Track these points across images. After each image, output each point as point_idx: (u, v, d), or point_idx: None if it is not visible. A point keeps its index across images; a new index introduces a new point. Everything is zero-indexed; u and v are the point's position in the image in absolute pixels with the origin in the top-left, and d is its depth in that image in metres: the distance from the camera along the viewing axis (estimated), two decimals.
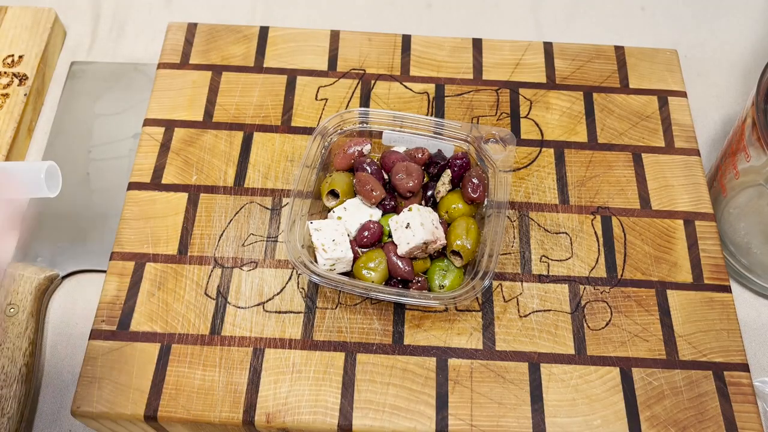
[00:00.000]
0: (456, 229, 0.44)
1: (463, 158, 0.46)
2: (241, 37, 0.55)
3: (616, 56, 0.55)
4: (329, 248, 0.42)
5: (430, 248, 0.43)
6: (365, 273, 0.42)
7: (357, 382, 0.41)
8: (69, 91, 0.60)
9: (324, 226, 0.43)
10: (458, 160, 0.46)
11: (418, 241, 0.42)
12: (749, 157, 0.47)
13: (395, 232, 0.43)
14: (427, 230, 0.42)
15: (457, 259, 0.44)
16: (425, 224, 0.43)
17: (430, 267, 0.44)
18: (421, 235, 0.42)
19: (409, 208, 0.44)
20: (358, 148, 0.46)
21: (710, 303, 0.45)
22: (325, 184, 0.45)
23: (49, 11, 0.62)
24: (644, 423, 0.40)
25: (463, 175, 0.46)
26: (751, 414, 0.41)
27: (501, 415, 0.40)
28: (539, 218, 0.48)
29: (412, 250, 0.43)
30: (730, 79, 0.64)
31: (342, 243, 0.43)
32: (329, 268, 0.43)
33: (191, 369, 0.41)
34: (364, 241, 0.44)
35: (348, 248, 0.43)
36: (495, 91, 0.53)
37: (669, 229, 0.47)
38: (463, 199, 0.45)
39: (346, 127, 0.47)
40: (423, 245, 0.43)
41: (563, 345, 0.43)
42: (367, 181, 0.44)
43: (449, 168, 0.46)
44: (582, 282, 0.45)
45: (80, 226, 0.53)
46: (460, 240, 0.43)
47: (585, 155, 0.50)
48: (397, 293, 0.41)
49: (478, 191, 0.45)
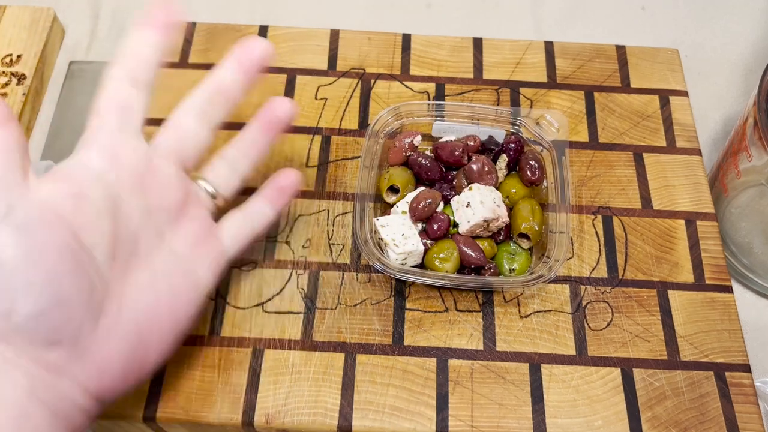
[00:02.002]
0: (521, 212, 0.44)
1: (516, 141, 0.47)
2: (241, 37, 0.55)
3: (617, 56, 0.55)
4: (400, 242, 0.43)
5: (492, 226, 0.44)
6: (438, 264, 0.43)
7: (357, 383, 0.41)
8: (68, 91, 0.60)
9: (391, 221, 0.43)
10: (512, 144, 0.47)
11: (478, 218, 0.43)
12: (751, 156, 0.47)
13: (456, 212, 0.44)
14: (487, 208, 0.43)
15: (524, 242, 0.44)
16: (485, 202, 0.43)
17: (497, 252, 0.45)
18: (480, 213, 0.43)
19: (469, 187, 0.44)
20: (408, 141, 0.46)
21: (712, 303, 0.45)
22: (383, 181, 0.46)
23: (47, 11, 0.61)
24: (645, 424, 0.40)
25: (518, 158, 0.47)
26: (752, 415, 0.41)
27: (501, 416, 0.40)
28: None
29: (473, 229, 0.43)
30: (731, 79, 0.64)
31: (412, 236, 0.43)
32: (402, 262, 0.43)
33: (190, 370, 0.41)
34: (433, 232, 0.44)
35: (418, 240, 0.43)
36: (495, 90, 0.53)
37: (670, 229, 0.47)
38: (522, 182, 0.46)
39: (396, 123, 0.47)
40: (484, 223, 0.43)
41: (564, 345, 0.43)
42: (420, 198, 0.44)
43: (504, 153, 0.47)
44: (583, 282, 0.45)
45: None
46: (526, 222, 0.44)
47: (586, 155, 0.50)
48: (480, 281, 0.42)
49: (537, 173, 0.46)
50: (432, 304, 0.44)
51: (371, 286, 0.44)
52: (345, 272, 0.45)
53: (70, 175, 0.33)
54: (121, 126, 0.35)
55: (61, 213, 0.30)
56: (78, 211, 0.31)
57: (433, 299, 0.44)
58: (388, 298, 0.44)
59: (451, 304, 0.44)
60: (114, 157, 0.34)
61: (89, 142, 0.35)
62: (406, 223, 0.44)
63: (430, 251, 0.43)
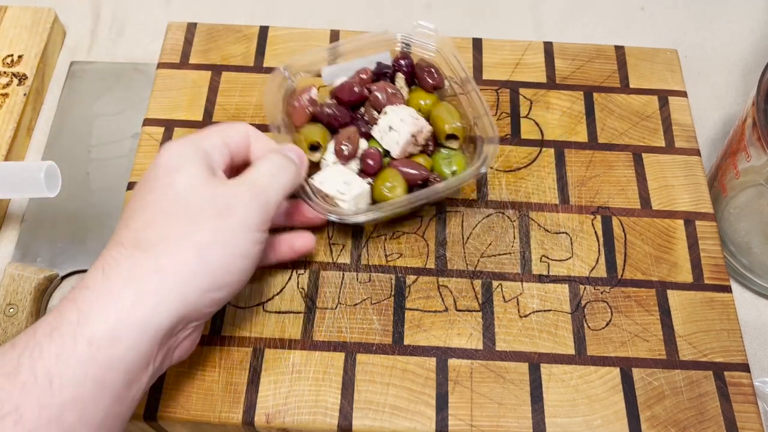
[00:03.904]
0: (440, 116, 0.46)
1: (405, 57, 0.48)
2: (241, 37, 0.55)
3: (616, 56, 0.55)
4: (345, 190, 0.43)
5: (420, 139, 0.45)
6: (387, 193, 0.43)
7: (357, 383, 0.41)
8: (69, 91, 0.60)
9: (326, 176, 0.44)
10: (402, 60, 0.48)
11: (406, 136, 0.44)
12: (749, 156, 0.47)
13: (382, 141, 0.45)
14: (408, 123, 0.44)
15: (454, 142, 0.46)
16: (404, 119, 0.44)
17: (433, 163, 0.45)
18: (406, 129, 0.44)
19: (384, 111, 0.45)
20: (306, 97, 0.46)
21: (710, 303, 0.45)
22: (301, 143, 0.45)
23: (48, 11, 0.62)
24: (644, 423, 0.40)
25: (413, 71, 0.48)
26: (751, 414, 0.41)
27: (501, 416, 0.40)
28: (539, 218, 0.47)
29: (405, 148, 0.44)
30: (730, 79, 0.64)
31: (353, 180, 0.43)
32: (354, 209, 0.43)
33: (191, 369, 0.41)
34: (371, 168, 0.44)
35: (362, 181, 0.44)
36: (495, 90, 0.53)
37: (669, 229, 0.47)
38: (426, 91, 0.47)
39: (286, 84, 0.47)
40: (412, 138, 0.44)
41: (563, 345, 0.43)
42: (340, 140, 0.45)
43: (398, 72, 0.48)
44: (582, 282, 0.45)
45: (80, 226, 0.53)
46: (448, 123, 0.45)
47: (585, 155, 0.50)
48: (432, 191, 0.43)
49: (436, 76, 0.47)
50: (432, 303, 0.44)
51: (371, 285, 0.45)
52: (345, 272, 0.45)
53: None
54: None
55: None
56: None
57: (432, 299, 0.44)
58: (388, 298, 0.44)
59: (451, 303, 0.44)
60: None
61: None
62: (341, 170, 0.44)
63: (375, 186, 0.44)
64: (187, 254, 0.34)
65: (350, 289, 0.44)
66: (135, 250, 0.34)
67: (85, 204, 0.54)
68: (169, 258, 0.34)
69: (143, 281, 0.33)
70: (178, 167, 0.36)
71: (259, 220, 0.36)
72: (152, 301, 0.33)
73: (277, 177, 0.38)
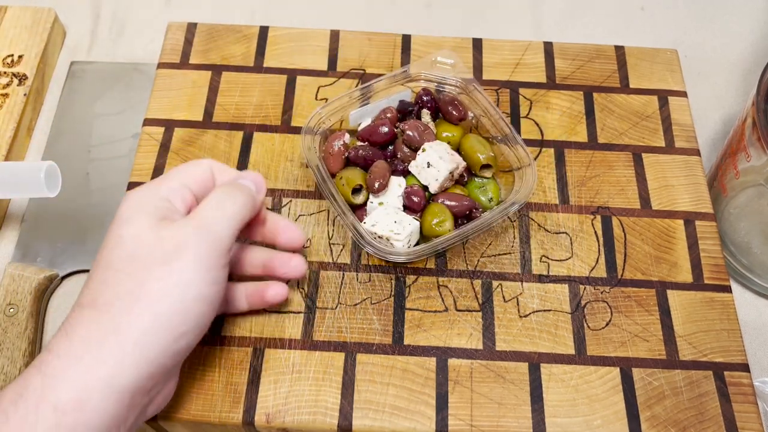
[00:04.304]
0: (471, 148, 0.47)
1: (427, 93, 0.49)
2: (241, 37, 0.55)
3: (616, 56, 0.55)
4: (399, 230, 0.43)
5: (455, 174, 0.45)
6: (438, 228, 0.43)
7: (357, 383, 0.41)
8: (69, 91, 0.60)
9: (377, 217, 0.44)
10: (425, 97, 0.49)
11: (444, 173, 0.45)
12: (749, 156, 0.47)
13: (420, 176, 0.46)
14: (446, 160, 0.45)
15: (487, 171, 0.47)
16: (442, 156, 0.45)
17: (469, 192, 0.47)
18: (445, 167, 0.45)
19: (422, 149, 0.46)
20: (339, 143, 0.47)
21: (710, 303, 0.45)
22: (342, 187, 0.45)
23: (48, 11, 0.62)
24: (644, 423, 0.40)
25: (437, 106, 0.49)
26: (751, 414, 0.41)
27: (501, 416, 0.40)
28: (539, 218, 0.48)
29: (443, 184, 0.45)
30: (730, 79, 0.64)
31: (403, 218, 0.44)
32: (408, 246, 0.44)
33: (191, 369, 0.41)
34: (416, 205, 0.45)
35: (411, 218, 0.44)
36: (495, 90, 0.53)
37: (669, 229, 0.47)
38: (451, 124, 0.48)
39: (320, 129, 0.47)
40: (449, 175, 0.45)
41: (563, 345, 0.43)
42: (374, 177, 0.45)
43: (422, 108, 0.49)
44: (582, 282, 0.45)
45: (80, 226, 0.53)
46: (481, 153, 0.46)
47: (585, 155, 0.50)
48: (486, 220, 0.44)
49: (460, 108, 0.48)
50: (432, 303, 0.44)
51: (371, 285, 0.45)
52: (345, 272, 0.45)
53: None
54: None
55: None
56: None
57: (432, 299, 0.44)
58: (388, 298, 0.44)
59: (451, 303, 0.44)
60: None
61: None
62: (389, 211, 0.44)
63: (424, 221, 0.44)
64: (140, 310, 0.33)
65: (350, 289, 0.44)
66: (93, 311, 0.33)
67: (85, 204, 0.54)
68: (123, 317, 0.33)
69: (103, 343, 0.32)
70: (128, 218, 0.35)
71: (211, 258, 0.35)
72: (113, 363, 0.32)
73: (223, 209, 0.36)
